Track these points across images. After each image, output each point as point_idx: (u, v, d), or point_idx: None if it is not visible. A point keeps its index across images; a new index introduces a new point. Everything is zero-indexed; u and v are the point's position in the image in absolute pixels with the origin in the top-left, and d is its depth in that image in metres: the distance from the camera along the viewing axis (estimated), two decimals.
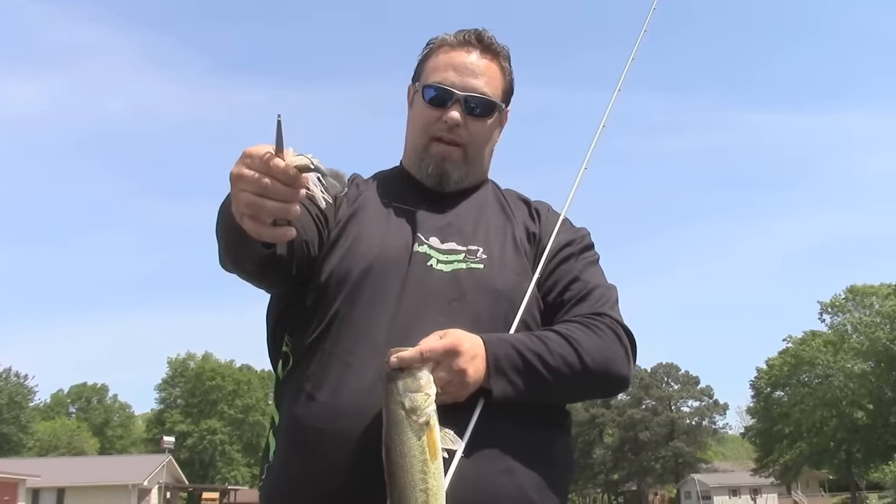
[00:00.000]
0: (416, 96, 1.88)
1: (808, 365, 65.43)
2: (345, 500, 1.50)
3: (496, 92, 1.86)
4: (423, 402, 1.39)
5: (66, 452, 75.52)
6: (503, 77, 1.89)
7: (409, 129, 1.92)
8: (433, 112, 1.82)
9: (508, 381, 1.55)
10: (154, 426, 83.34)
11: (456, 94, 1.80)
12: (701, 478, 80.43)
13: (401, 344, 1.56)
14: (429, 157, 1.84)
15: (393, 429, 1.39)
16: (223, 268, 1.61)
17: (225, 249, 1.56)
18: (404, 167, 1.94)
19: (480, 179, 1.93)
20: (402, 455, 1.37)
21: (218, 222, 1.55)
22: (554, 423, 1.68)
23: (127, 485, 47.03)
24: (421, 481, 1.36)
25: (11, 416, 76.32)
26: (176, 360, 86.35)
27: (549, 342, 1.61)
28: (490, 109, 1.85)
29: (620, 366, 1.67)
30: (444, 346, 1.48)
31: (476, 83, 1.82)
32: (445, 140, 1.82)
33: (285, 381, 1.70)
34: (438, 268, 1.70)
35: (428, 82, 1.84)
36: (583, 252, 1.86)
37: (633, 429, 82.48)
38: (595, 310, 1.72)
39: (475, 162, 1.87)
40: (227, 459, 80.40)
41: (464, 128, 1.81)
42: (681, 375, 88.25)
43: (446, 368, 1.47)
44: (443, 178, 1.84)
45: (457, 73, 1.82)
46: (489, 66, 1.86)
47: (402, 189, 1.87)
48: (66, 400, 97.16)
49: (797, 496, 76.03)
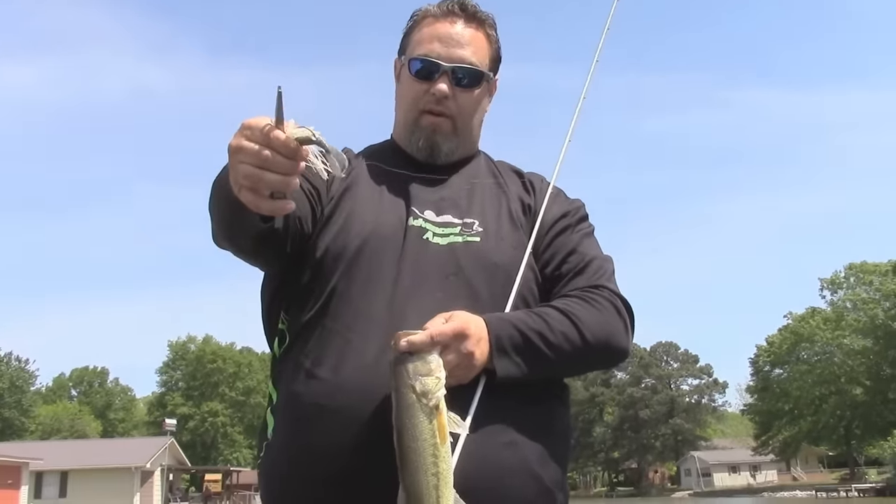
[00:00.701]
0: (403, 70, 1.86)
1: (807, 342, 65.63)
2: (347, 477, 1.49)
3: (483, 61, 1.84)
4: (433, 386, 1.39)
5: (68, 436, 75.78)
6: (489, 45, 1.87)
7: (398, 104, 1.90)
8: (420, 85, 1.81)
9: (511, 361, 1.55)
10: (155, 409, 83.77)
11: (442, 66, 1.78)
12: (701, 455, 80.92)
13: (399, 320, 1.56)
14: (419, 130, 1.82)
15: (404, 413, 1.39)
16: (216, 244, 1.59)
17: (219, 223, 1.53)
18: (395, 141, 1.92)
19: (471, 151, 1.91)
20: (413, 439, 1.37)
21: (212, 196, 1.52)
22: (553, 396, 1.69)
23: (130, 467, 47.22)
24: (432, 465, 1.36)
25: (13, 401, 76.62)
26: (177, 344, 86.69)
27: (549, 319, 1.60)
28: (478, 79, 1.83)
29: (620, 339, 1.68)
30: (453, 329, 1.47)
31: (462, 53, 1.80)
32: (434, 112, 1.80)
33: (282, 358, 1.70)
34: (434, 241, 1.69)
35: (414, 55, 1.82)
36: (579, 223, 1.85)
37: (632, 407, 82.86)
38: (593, 282, 1.71)
39: (465, 133, 1.85)
40: (228, 441, 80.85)
41: (452, 99, 1.79)
42: (680, 354, 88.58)
43: (455, 352, 1.47)
44: (433, 150, 1.82)
45: (442, 44, 1.80)
46: (475, 35, 1.83)
47: (394, 163, 1.85)
48: (68, 384, 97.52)
49: (796, 472, 76.48)
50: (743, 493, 69.79)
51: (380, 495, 1.43)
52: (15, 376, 78.61)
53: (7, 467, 38.32)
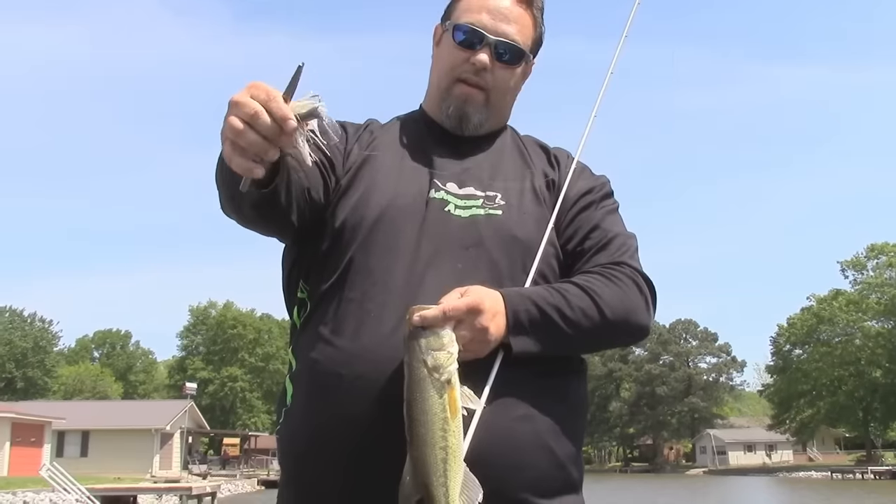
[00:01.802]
0: (445, 36, 1.84)
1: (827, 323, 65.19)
2: (364, 443, 1.50)
3: (526, 41, 1.82)
4: (445, 361, 1.39)
5: (90, 396, 77.07)
6: (535, 27, 1.85)
7: (434, 69, 1.88)
8: (461, 53, 1.79)
9: (528, 337, 1.54)
10: (176, 373, 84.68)
11: (487, 38, 1.76)
12: (717, 433, 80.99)
13: (418, 290, 1.56)
14: (450, 98, 1.81)
15: (415, 386, 1.39)
16: (223, 212, 1.60)
17: (221, 187, 1.55)
18: (425, 110, 1.91)
19: (500, 126, 1.90)
20: (423, 412, 1.37)
21: (217, 164, 1.53)
22: (570, 370, 1.68)
23: (150, 429, 47.96)
24: (441, 439, 1.36)
25: (36, 360, 77.76)
26: (198, 309, 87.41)
27: (568, 295, 1.59)
28: (519, 57, 1.81)
29: (640, 316, 1.67)
30: (466, 304, 1.47)
31: (508, 29, 1.79)
32: (470, 82, 1.79)
33: (302, 326, 1.70)
34: (456, 213, 1.69)
35: (459, 22, 1.81)
36: (603, 200, 1.83)
37: (650, 384, 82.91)
38: (615, 259, 1.70)
39: (497, 108, 1.84)
40: (247, 406, 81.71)
41: (490, 72, 1.78)
42: (699, 332, 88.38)
43: (468, 327, 1.46)
44: (462, 120, 1.81)
45: (490, 16, 1.78)
46: (522, 15, 1.82)
47: (420, 133, 1.85)
48: (91, 345, 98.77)
49: (812, 453, 76.41)
50: (758, 471, 69.78)
51: (397, 462, 1.43)
52: (38, 336, 79.74)
53: (30, 426, 39.03)
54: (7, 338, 75.88)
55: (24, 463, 36.63)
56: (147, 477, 42.92)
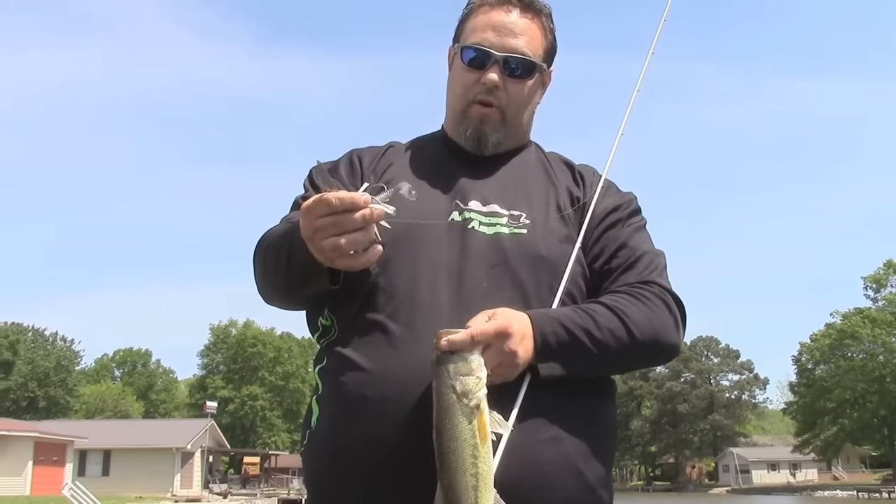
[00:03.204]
0: (455, 58, 1.84)
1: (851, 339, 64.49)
2: (389, 466, 1.49)
3: (537, 51, 1.80)
4: (474, 386, 1.37)
5: (111, 415, 77.34)
6: (545, 36, 1.83)
7: (449, 92, 1.88)
8: (472, 74, 1.78)
9: (556, 360, 1.52)
10: (196, 391, 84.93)
11: (494, 55, 1.75)
12: (740, 451, 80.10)
13: (443, 309, 1.55)
14: (467, 120, 1.80)
15: (444, 413, 1.37)
16: (262, 297, 1.71)
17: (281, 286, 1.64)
18: (445, 131, 1.90)
19: (521, 142, 1.88)
20: (453, 439, 1.35)
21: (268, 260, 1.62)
22: (599, 391, 1.66)
23: (171, 448, 48.03)
24: (472, 465, 1.35)
25: (58, 379, 78.24)
26: (218, 327, 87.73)
27: (596, 316, 1.57)
28: (530, 70, 1.79)
29: (670, 335, 1.65)
30: (494, 328, 1.45)
31: (515, 43, 1.77)
32: (484, 102, 1.78)
33: (327, 349, 1.68)
34: (480, 230, 1.67)
35: (466, 43, 1.80)
36: (630, 217, 1.81)
37: (671, 401, 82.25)
38: (643, 278, 1.68)
39: (514, 124, 1.82)
40: (267, 425, 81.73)
41: (502, 90, 1.77)
42: (721, 349, 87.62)
43: (497, 351, 1.45)
44: (481, 140, 1.80)
45: (496, 33, 1.77)
46: (529, 25, 1.80)
47: (441, 153, 1.84)
48: (112, 364, 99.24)
49: (837, 472, 75.38)
50: (782, 491, 68.94)
51: (421, 485, 1.42)
52: (61, 356, 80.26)
53: (53, 445, 39.20)
54: (30, 357, 76.39)
55: (46, 482, 36.78)
56: (168, 496, 43.03)
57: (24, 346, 76.61)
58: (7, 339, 74.92)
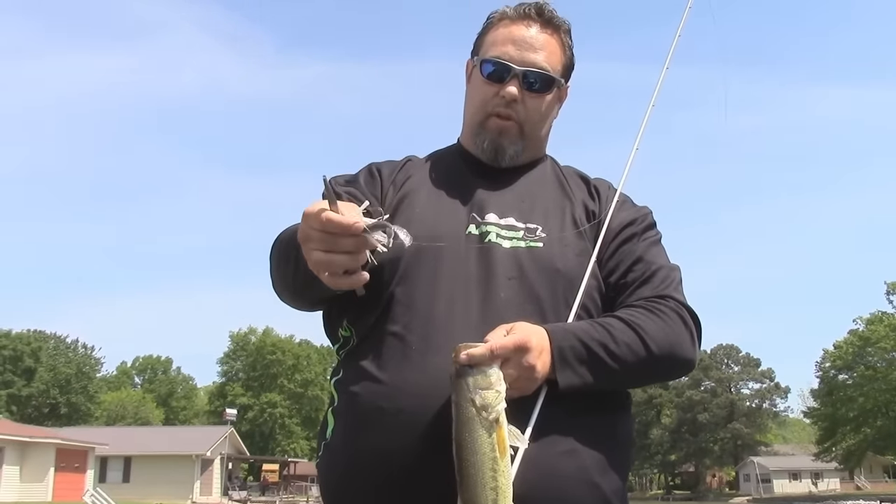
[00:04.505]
0: (474, 71, 1.85)
1: (874, 347, 63.77)
2: (404, 480, 1.50)
3: (556, 66, 1.82)
4: (493, 400, 1.38)
5: (132, 422, 77.76)
6: (563, 52, 1.85)
7: (467, 105, 1.89)
8: (491, 87, 1.80)
9: (574, 373, 1.53)
10: (216, 399, 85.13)
11: (514, 69, 1.77)
12: (760, 460, 79.36)
13: (460, 321, 1.57)
14: (485, 132, 1.81)
15: (464, 426, 1.38)
16: (277, 294, 1.71)
17: (289, 288, 1.65)
18: (461, 144, 1.92)
19: (537, 156, 1.89)
20: (473, 453, 1.36)
21: (280, 260, 1.63)
22: (615, 403, 1.67)
23: (191, 455, 48.20)
24: (491, 479, 1.35)
25: (80, 386, 78.72)
26: (238, 335, 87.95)
27: (613, 330, 1.58)
28: (549, 84, 1.81)
29: (686, 350, 1.65)
30: (514, 342, 1.46)
31: (535, 58, 1.78)
32: (502, 115, 1.79)
33: (344, 361, 1.70)
34: (497, 242, 1.68)
35: (486, 56, 1.81)
36: (645, 231, 1.81)
37: (691, 410, 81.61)
38: (659, 292, 1.69)
39: (532, 138, 1.84)
40: (286, 432, 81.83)
41: (521, 103, 1.78)
42: (741, 357, 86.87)
43: (516, 365, 1.46)
44: (498, 153, 1.81)
45: (516, 47, 1.78)
46: (549, 41, 1.82)
47: (457, 166, 1.85)
48: (132, 371, 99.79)
49: (860, 481, 74.56)
50: (804, 500, 68.21)
51: (434, 499, 1.43)
52: (81, 362, 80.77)
53: (74, 451, 39.46)
54: (51, 364, 76.93)
55: (67, 489, 37.06)
56: (188, 503, 43.17)
57: (45, 354, 77.17)
58: (29, 346, 75.53)
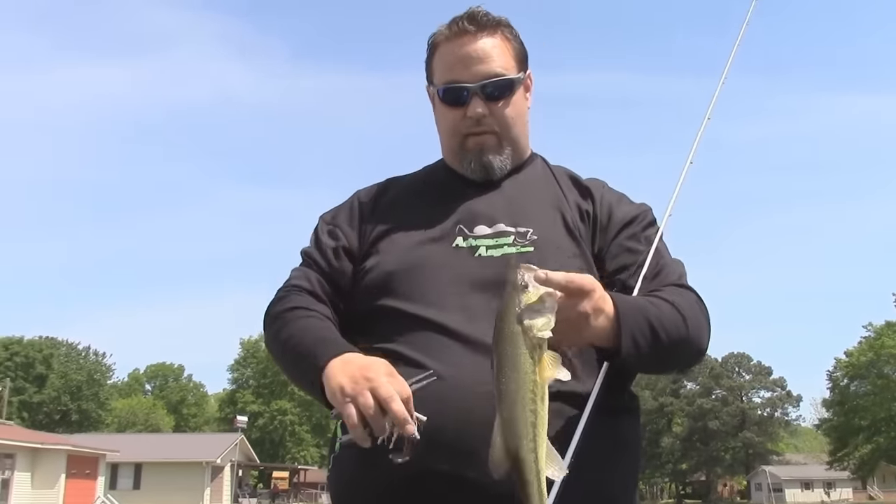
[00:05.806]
0: (436, 99, 1.84)
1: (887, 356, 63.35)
2: (402, 489, 1.51)
3: (509, 65, 1.79)
4: (539, 323, 1.29)
5: (142, 429, 77.90)
6: (511, 45, 1.82)
7: (440, 130, 1.88)
8: (456, 111, 1.79)
9: (634, 343, 1.51)
10: (226, 406, 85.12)
11: (470, 88, 1.76)
12: (772, 470, 78.81)
13: (454, 333, 1.58)
14: (467, 154, 1.80)
15: (507, 340, 1.29)
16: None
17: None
18: (446, 162, 1.91)
19: (523, 156, 1.88)
20: (514, 369, 1.28)
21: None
22: (624, 407, 1.67)
23: (201, 462, 48.17)
24: (531, 401, 1.27)
25: (91, 393, 78.85)
26: (248, 342, 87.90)
27: (663, 307, 1.58)
28: (509, 87, 1.79)
29: (706, 339, 1.66)
30: (580, 281, 1.42)
31: (486, 68, 1.76)
32: (476, 132, 1.78)
33: None
34: (488, 254, 1.68)
35: (441, 83, 1.81)
36: (646, 229, 1.81)
37: (702, 418, 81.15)
38: (675, 282, 1.70)
39: (512, 142, 1.82)
40: (296, 440, 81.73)
41: (490, 115, 1.77)
42: (752, 366, 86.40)
43: (570, 306, 1.40)
44: (487, 169, 1.80)
45: (463, 64, 1.77)
46: (493, 43, 1.78)
47: (443, 180, 1.85)
48: (143, 378, 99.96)
49: (873, 491, 73.98)
50: None
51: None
52: (93, 369, 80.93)
53: (85, 458, 39.47)
54: (63, 370, 77.11)
55: (78, 495, 37.07)
56: None
57: (57, 360, 77.32)
58: (41, 352, 75.70)
